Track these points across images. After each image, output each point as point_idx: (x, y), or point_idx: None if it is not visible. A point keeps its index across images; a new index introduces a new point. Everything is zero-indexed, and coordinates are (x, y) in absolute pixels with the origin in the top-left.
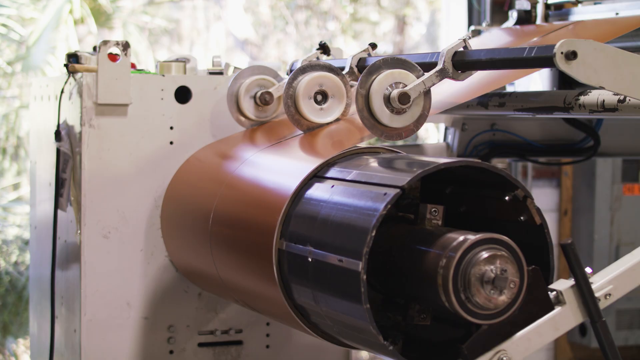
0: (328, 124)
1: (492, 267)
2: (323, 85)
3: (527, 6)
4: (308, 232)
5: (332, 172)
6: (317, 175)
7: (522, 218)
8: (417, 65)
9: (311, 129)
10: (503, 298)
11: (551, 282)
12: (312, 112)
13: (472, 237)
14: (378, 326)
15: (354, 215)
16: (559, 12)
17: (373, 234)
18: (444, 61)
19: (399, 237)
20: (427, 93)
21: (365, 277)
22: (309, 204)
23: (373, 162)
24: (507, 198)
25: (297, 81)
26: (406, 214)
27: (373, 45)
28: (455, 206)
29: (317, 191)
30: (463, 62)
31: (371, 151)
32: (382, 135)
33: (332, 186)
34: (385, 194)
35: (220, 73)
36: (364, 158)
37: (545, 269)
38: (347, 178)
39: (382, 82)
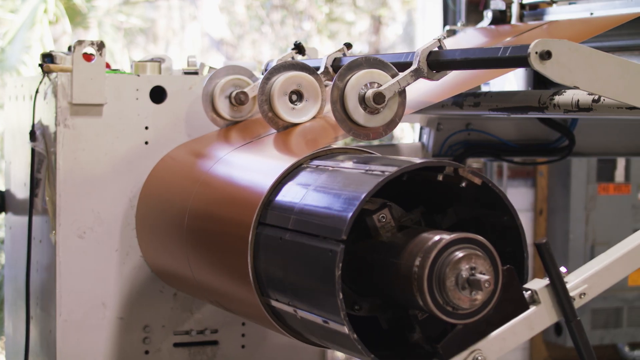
0: (303, 123)
1: (466, 266)
2: (298, 85)
3: (502, 6)
4: (285, 292)
5: (272, 217)
6: (261, 223)
7: (463, 185)
8: (392, 65)
9: (285, 129)
10: (478, 297)
11: (520, 229)
12: (287, 112)
13: (447, 237)
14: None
15: (314, 277)
16: (533, 12)
17: (341, 296)
18: (419, 61)
19: (365, 253)
20: (402, 93)
21: (355, 335)
22: (268, 260)
23: (312, 193)
24: (440, 178)
25: (272, 81)
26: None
27: (348, 45)
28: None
29: (269, 244)
30: (438, 62)
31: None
32: (350, 132)
33: (280, 239)
34: (330, 251)
35: (196, 73)
36: (303, 183)
37: (500, 219)
38: (289, 227)
39: (359, 80)
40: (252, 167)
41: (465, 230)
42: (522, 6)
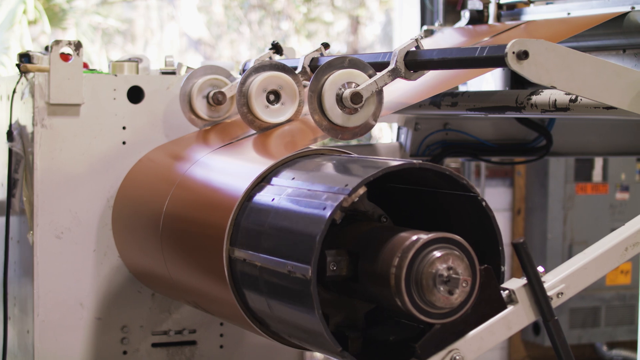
0: (281, 123)
1: (444, 266)
2: (275, 85)
3: (479, 6)
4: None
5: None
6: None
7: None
8: (369, 65)
9: (264, 129)
10: (456, 297)
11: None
12: (264, 112)
13: (424, 237)
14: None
15: (298, 331)
16: (511, 12)
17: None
18: (396, 61)
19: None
20: (379, 93)
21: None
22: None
23: (274, 222)
24: (349, 203)
25: (249, 81)
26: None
27: (325, 45)
28: None
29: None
30: (415, 62)
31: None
32: (327, 132)
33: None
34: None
35: (173, 73)
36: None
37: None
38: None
39: (336, 80)
40: (229, 170)
41: (441, 230)
42: (499, 6)
